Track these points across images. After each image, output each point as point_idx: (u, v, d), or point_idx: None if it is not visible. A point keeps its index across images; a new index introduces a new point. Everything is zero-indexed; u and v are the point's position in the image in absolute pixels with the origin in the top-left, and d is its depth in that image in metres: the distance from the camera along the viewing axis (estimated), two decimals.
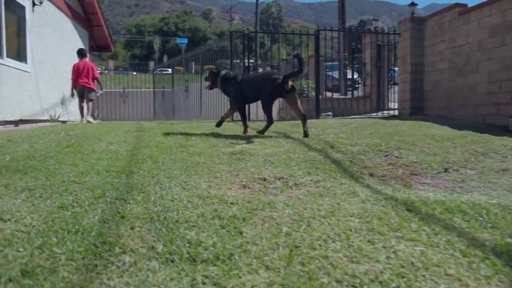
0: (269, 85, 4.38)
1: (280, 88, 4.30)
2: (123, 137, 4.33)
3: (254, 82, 4.75)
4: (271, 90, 4.36)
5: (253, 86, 4.63)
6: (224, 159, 3.11)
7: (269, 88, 4.37)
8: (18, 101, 7.67)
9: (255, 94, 4.63)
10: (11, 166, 2.71)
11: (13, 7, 7.68)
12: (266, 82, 4.45)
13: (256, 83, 4.67)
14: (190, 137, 4.22)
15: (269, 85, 4.38)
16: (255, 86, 4.60)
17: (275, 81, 4.34)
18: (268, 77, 4.64)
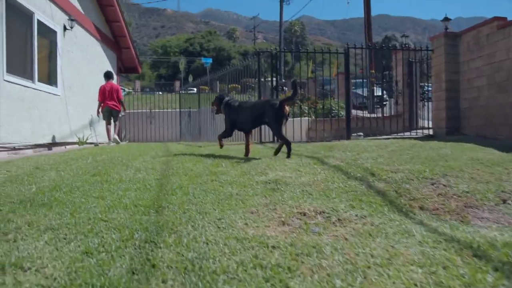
0: (270, 110, 4.56)
1: (279, 112, 4.47)
2: (151, 163, 4.19)
3: (252, 108, 4.89)
4: (274, 114, 4.52)
5: (252, 113, 4.81)
6: (258, 190, 2.90)
7: (271, 113, 4.55)
8: (49, 124, 7.73)
9: (255, 120, 4.84)
10: (36, 199, 2.58)
11: (45, 32, 7.82)
12: (266, 108, 4.64)
13: (254, 109, 4.85)
14: (220, 163, 4.05)
15: (270, 110, 4.56)
16: (254, 113, 4.80)
17: (274, 106, 4.53)
18: (267, 103, 4.81)
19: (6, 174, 3.54)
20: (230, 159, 4.38)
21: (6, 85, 6.23)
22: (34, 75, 7.20)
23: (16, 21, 6.79)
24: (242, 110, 4.91)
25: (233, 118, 4.96)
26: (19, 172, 3.61)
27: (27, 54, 7.15)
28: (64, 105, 8.56)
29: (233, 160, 4.25)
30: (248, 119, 4.84)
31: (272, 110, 4.53)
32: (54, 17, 8.09)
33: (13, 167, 3.90)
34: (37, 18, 7.32)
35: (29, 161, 4.47)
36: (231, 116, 4.98)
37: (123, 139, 13.18)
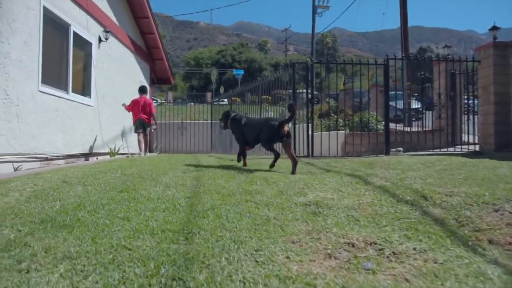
0: (267, 129, 4.86)
1: (277, 132, 4.77)
2: (181, 179, 3.98)
3: (255, 126, 5.19)
4: (270, 133, 4.85)
5: (254, 130, 5.11)
6: (298, 213, 2.61)
7: (268, 131, 4.86)
8: (81, 134, 7.72)
9: (256, 137, 5.11)
10: (58, 219, 2.39)
11: (81, 43, 7.87)
12: (265, 127, 4.92)
13: (257, 127, 5.13)
14: (254, 180, 3.79)
15: (267, 129, 4.86)
16: (256, 130, 5.09)
17: (273, 126, 4.80)
18: (267, 122, 5.03)
19: (32, 188, 3.40)
20: (264, 175, 4.12)
21: (40, 96, 6.23)
22: (68, 86, 7.21)
23: (53, 33, 6.83)
24: (246, 126, 5.26)
25: (241, 133, 5.30)
26: (46, 186, 3.47)
27: (62, 65, 7.19)
28: (97, 115, 8.57)
29: (268, 177, 3.98)
30: (251, 136, 5.16)
31: (269, 129, 4.85)
32: (89, 29, 8.15)
33: (40, 180, 3.78)
34: (73, 30, 7.37)
35: (58, 173, 4.35)
36: (242, 130, 5.29)
37: (154, 150, 13.18)
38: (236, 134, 5.46)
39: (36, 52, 6.09)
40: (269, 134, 4.86)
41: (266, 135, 4.90)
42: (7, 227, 2.28)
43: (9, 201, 2.91)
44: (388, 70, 7.25)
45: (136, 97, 9.36)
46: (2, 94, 5.30)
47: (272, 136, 4.88)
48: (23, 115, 5.76)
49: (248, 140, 5.27)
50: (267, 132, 4.88)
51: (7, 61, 5.41)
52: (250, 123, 5.32)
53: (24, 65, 5.78)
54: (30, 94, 5.95)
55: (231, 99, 13.66)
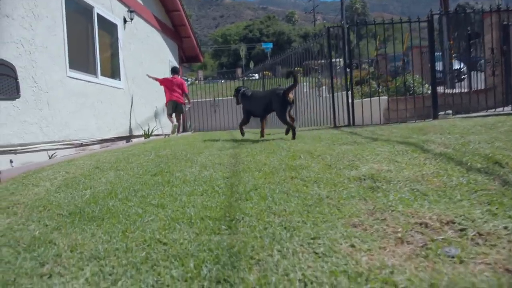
0: (276, 98, 5.06)
1: (284, 100, 4.97)
2: (218, 157, 3.71)
3: (262, 98, 5.47)
4: (280, 102, 5.02)
5: (262, 101, 5.36)
6: (353, 190, 2.27)
7: (276, 101, 5.05)
8: (113, 118, 7.61)
9: (265, 108, 5.33)
10: (87, 210, 2.17)
11: (106, 25, 7.66)
12: (273, 97, 5.14)
13: (264, 98, 5.39)
14: (297, 154, 3.46)
15: (276, 98, 5.06)
16: (264, 101, 5.33)
17: (278, 94, 5.03)
18: (273, 92, 5.24)
19: (64, 177, 3.23)
20: (306, 148, 3.78)
21: (70, 82, 6.09)
22: (97, 69, 7.06)
23: (76, 16, 6.64)
24: (254, 99, 5.54)
25: (247, 106, 5.61)
26: (77, 174, 3.29)
27: (89, 49, 7.02)
28: (128, 98, 8.44)
29: (311, 150, 3.65)
30: (260, 107, 5.39)
31: (277, 98, 5.04)
32: (113, 9, 7.92)
33: (72, 168, 3.61)
34: (97, 12, 7.16)
35: (91, 159, 4.19)
36: (245, 105, 5.63)
37: (189, 129, 13.06)
38: (242, 107, 5.79)
39: (61, 37, 5.91)
40: (281, 103, 5.04)
41: (279, 105, 5.07)
42: (33, 222, 2.08)
43: (39, 192, 2.73)
44: (433, 27, 6.61)
45: (168, 76, 9.22)
46: (30, 82, 5.17)
47: (285, 105, 5.04)
48: (54, 102, 5.65)
49: (258, 111, 5.53)
50: (279, 102, 5.06)
51: (33, 47, 5.26)
52: (258, 95, 5.64)
53: (50, 51, 5.62)
54: (59, 80, 5.81)
55: (262, 73, 13.25)
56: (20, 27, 5.04)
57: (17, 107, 4.88)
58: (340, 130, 5.92)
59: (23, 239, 1.82)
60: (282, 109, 5.06)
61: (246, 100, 5.61)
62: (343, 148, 3.76)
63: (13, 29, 4.90)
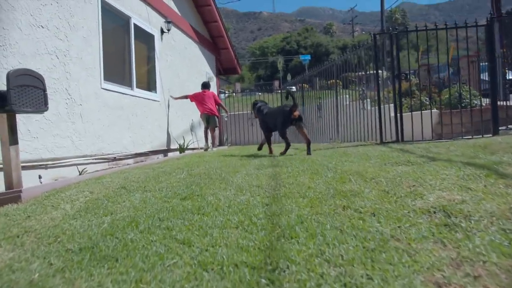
0: (281, 115, 5.43)
1: (288, 117, 5.29)
2: (255, 177, 3.33)
3: (273, 113, 5.79)
4: (282, 119, 5.39)
5: (273, 117, 5.70)
6: (423, 227, 1.80)
7: (281, 118, 5.42)
8: (149, 131, 7.42)
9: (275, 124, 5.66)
10: (100, 245, 1.83)
11: (142, 36, 7.54)
12: (279, 114, 5.51)
13: (274, 114, 5.72)
14: (346, 176, 3.02)
15: (281, 115, 5.43)
16: (274, 117, 5.67)
17: (285, 112, 5.35)
18: (280, 110, 5.62)
19: (87, 198, 2.94)
20: (355, 169, 3.33)
21: (104, 94, 5.94)
22: (132, 81, 6.91)
23: (113, 27, 6.52)
24: (267, 114, 5.90)
25: (265, 121, 5.93)
26: (101, 195, 2.99)
27: (125, 61, 6.89)
28: (164, 110, 8.26)
29: (361, 171, 3.20)
30: (273, 122, 5.73)
31: (281, 114, 5.42)
32: (151, 20, 7.80)
33: (98, 187, 3.33)
34: (133, 23, 7.04)
35: (119, 176, 3.92)
36: (263, 120, 5.97)
37: (225, 143, 12.81)
38: (260, 123, 6.16)
39: (96, 48, 5.78)
40: (282, 119, 5.38)
41: (281, 121, 5.42)
42: (38, 258, 1.76)
43: (55, 217, 2.44)
44: (492, 32, 6.00)
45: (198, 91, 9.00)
46: (64, 94, 5.02)
47: (284, 121, 5.37)
48: (87, 114, 5.48)
49: (272, 125, 5.82)
50: (280, 118, 5.43)
51: (67, 59, 5.12)
52: (270, 112, 5.94)
53: (84, 62, 5.49)
54: (93, 92, 5.66)
55: (299, 85, 12.86)
56: (55, 38, 4.91)
57: (50, 120, 4.72)
58: (388, 147, 5.41)
59: (18, 284, 1.49)
60: (282, 126, 5.43)
61: (263, 115, 5.98)
62: (398, 169, 3.27)
63: (48, 40, 4.77)
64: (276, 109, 5.95)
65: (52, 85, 4.79)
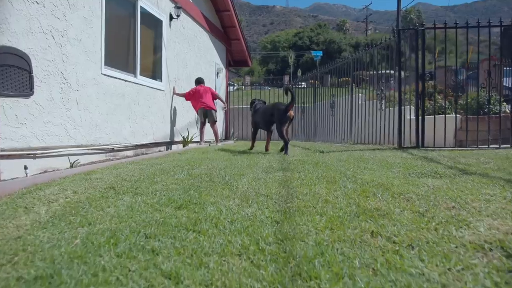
0: (277, 113, 5.42)
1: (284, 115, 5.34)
2: (263, 183, 2.91)
3: (267, 111, 5.78)
4: (279, 117, 5.39)
5: (267, 115, 5.72)
6: (481, 272, 1.37)
7: (277, 116, 5.41)
8: (151, 122, 7.01)
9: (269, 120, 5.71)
10: (62, 276, 1.41)
11: (149, 21, 7.11)
12: (274, 111, 5.50)
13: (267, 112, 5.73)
14: (369, 188, 2.60)
15: (277, 113, 5.42)
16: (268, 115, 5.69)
17: (281, 110, 5.38)
18: (275, 107, 5.59)
19: (67, 199, 2.53)
20: (379, 180, 2.90)
21: (104, 80, 5.53)
22: (136, 68, 6.49)
23: (117, 9, 6.10)
24: (260, 112, 5.96)
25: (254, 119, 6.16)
26: (84, 197, 2.58)
27: (129, 45, 6.47)
28: (168, 100, 7.84)
29: (385, 182, 2.77)
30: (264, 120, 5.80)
31: (278, 112, 5.42)
32: (159, 4, 7.36)
33: (84, 185, 2.92)
34: (140, 6, 6.60)
35: (111, 172, 3.51)
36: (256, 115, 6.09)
37: (231, 137, 12.39)
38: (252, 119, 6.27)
39: (98, 30, 5.36)
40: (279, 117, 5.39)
41: (278, 119, 5.42)
42: None
43: (23, 224, 2.03)
44: None
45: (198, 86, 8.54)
46: (59, 78, 4.62)
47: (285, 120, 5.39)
48: (84, 101, 5.08)
49: (263, 124, 5.88)
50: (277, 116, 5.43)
51: (64, 39, 4.71)
52: (262, 109, 5.98)
53: (84, 45, 5.07)
54: (92, 78, 5.25)
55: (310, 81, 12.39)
56: (51, 16, 4.50)
57: (41, 105, 4.32)
58: (408, 153, 4.95)
59: None
60: (280, 124, 5.39)
61: (255, 113, 6.12)
62: (428, 183, 2.84)
63: (43, 18, 4.36)
64: (269, 107, 5.88)
65: (46, 67, 4.38)
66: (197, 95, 8.27)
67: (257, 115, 6.01)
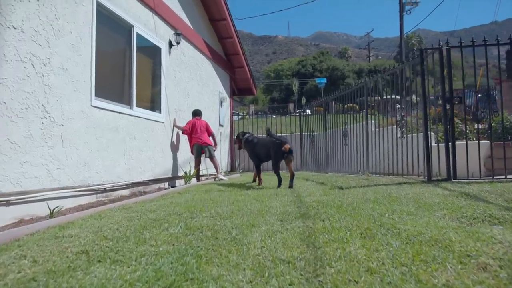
0: (274, 148, 5.43)
1: (279, 149, 5.33)
2: (280, 241, 2.25)
3: (264, 145, 5.77)
4: (274, 152, 5.44)
5: (264, 149, 5.73)
6: None
7: (273, 151, 5.46)
8: (149, 157, 6.41)
9: (266, 155, 5.73)
10: None
11: (147, 48, 6.62)
12: (271, 147, 5.51)
13: (265, 146, 5.72)
14: (420, 247, 1.95)
15: (274, 148, 5.43)
16: (265, 149, 5.71)
17: (276, 144, 5.40)
18: (272, 142, 5.53)
19: (18, 275, 1.88)
20: (424, 229, 2.25)
21: (94, 112, 4.96)
22: (131, 99, 5.93)
23: (110, 35, 5.60)
24: (258, 145, 5.93)
25: (254, 151, 5.98)
26: (43, 270, 1.93)
27: (124, 75, 5.94)
28: (168, 133, 7.26)
29: (438, 236, 2.12)
30: (263, 154, 5.80)
31: (273, 147, 5.45)
32: (157, 31, 6.89)
33: (48, 251, 2.27)
34: (136, 32, 6.12)
35: (92, 225, 2.87)
36: (254, 149, 5.97)
37: (237, 169, 11.75)
38: (249, 154, 6.19)
39: (87, 58, 4.84)
40: (275, 152, 5.41)
41: (273, 154, 5.47)
42: None
43: None
44: None
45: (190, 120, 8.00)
46: (40, 112, 4.05)
47: (276, 154, 5.40)
48: (71, 137, 4.50)
49: (262, 157, 5.87)
50: (273, 151, 5.45)
51: (47, 68, 4.17)
52: (260, 142, 5.97)
53: (70, 74, 4.53)
54: (80, 111, 4.68)
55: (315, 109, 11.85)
56: (31, 43, 3.97)
57: (16, 143, 3.73)
58: (442, 188, 4.27)
59: None
60: (275, 159, 5.46)
61: (253, 146, 5.99)
62: (496, 235, 2.18)
63: (21, 45, 3.83)
64: (267, 141, 5.83)
65: (24, 100, 3.82)
66: (193, 129, 7.71)
67: (258, 147, 5.88)
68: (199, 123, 7.77)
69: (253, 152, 5.94)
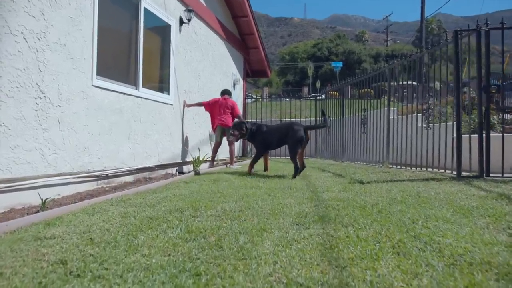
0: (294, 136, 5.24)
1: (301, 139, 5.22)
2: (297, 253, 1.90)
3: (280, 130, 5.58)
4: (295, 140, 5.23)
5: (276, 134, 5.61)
6: None
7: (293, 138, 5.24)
8: (156, 141, 6.05)
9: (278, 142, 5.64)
10: None
11: (155, 25, 6.20)
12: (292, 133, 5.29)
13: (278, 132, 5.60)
14: (470, 269, 1.55)
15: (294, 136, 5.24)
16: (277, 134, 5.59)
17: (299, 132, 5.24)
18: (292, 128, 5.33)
19: None
20: (470, 245, 1.84)
21: (96, 93, 4.59)
22: (137, 79, 5.55)
23: (114, 9, 5.19)
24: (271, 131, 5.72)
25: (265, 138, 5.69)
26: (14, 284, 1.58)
27: (130, 53, 5.54)
28: (177, 116, 6.88)
29: (484, 253, 1.72)
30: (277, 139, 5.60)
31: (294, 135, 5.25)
32: (167, 7, 6.45)
33: (20, 260, 1.92)
34: (144, 7, 5.69)
35: (78, 225, 2.52)
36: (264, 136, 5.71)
37: (248, 154, 11.37)
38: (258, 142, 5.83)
39: (88, 33, 4.45)
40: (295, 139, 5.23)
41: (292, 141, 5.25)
42: None
43: None
44: None
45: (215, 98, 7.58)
46: (33, 91, 3.69)
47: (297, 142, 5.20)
48: (69, 119, 4.15)
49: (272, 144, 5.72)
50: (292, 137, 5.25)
51: (42, 44, 3.79)
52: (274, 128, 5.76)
53: (69, 50, 4.15)
54: (80, 91, 4.32)
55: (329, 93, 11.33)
56: (24, 14, 3.59)
57: (6, 125, 3.39)
58: (476, 187, 3.82)
59: None
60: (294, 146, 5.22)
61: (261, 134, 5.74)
62: None
63: (12, 16, 3.45)
64: (285, 126, 5.55)
65: (15, 78, 3.46)
66: (216, 108, 7.30)
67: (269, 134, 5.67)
68: (224, 102, 7.36)
69: (265, 139, 5.69)
